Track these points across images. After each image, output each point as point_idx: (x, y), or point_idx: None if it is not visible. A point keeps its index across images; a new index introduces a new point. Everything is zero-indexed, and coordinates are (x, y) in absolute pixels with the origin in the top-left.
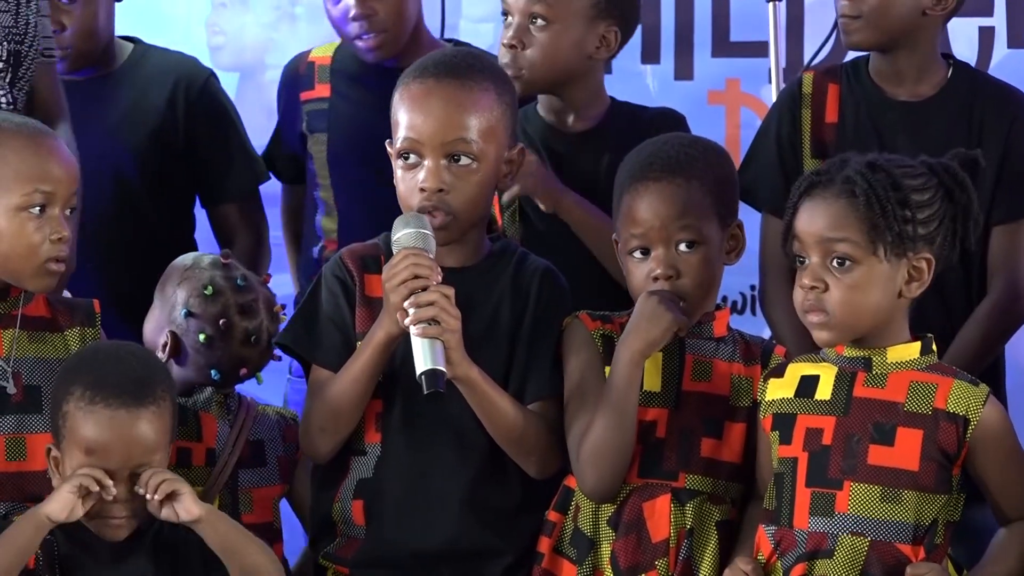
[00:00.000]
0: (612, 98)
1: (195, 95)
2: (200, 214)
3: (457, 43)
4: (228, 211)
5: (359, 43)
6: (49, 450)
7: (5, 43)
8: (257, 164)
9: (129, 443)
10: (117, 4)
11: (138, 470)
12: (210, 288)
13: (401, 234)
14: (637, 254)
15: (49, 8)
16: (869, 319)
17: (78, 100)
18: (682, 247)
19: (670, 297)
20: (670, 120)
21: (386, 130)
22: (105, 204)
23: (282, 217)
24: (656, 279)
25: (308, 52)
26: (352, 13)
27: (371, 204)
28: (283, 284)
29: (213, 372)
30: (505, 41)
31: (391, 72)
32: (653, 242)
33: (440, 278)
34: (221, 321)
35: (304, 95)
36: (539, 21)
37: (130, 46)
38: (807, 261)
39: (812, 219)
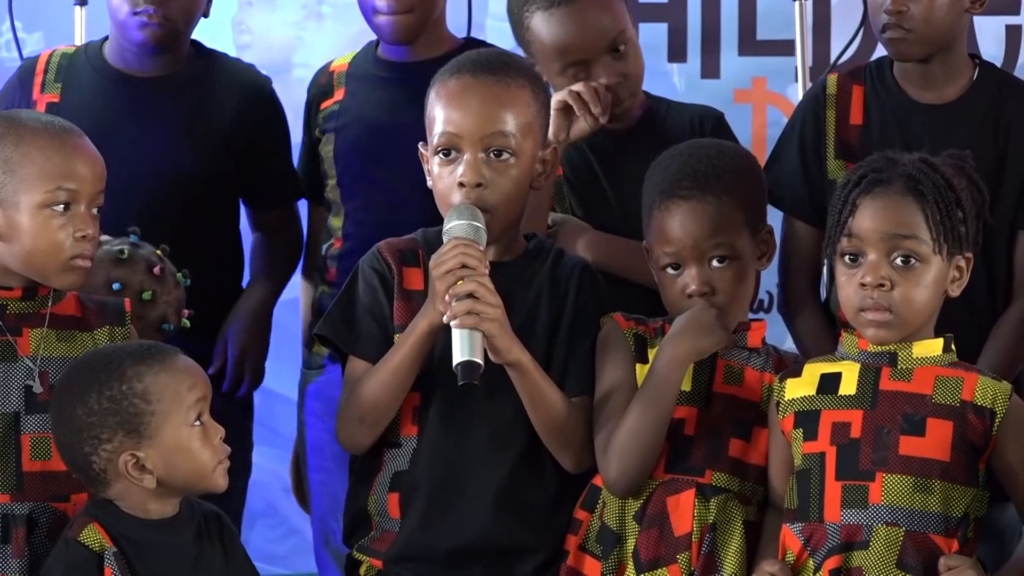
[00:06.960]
0: (646, 93)
1: (262, 105)
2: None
3: (479, 43)
4: (270, 215)
5: (381, 19)
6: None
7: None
8: (298, 177)
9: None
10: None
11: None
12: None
13: (453, 224)
14: (670, 270)
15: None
16: (925, 317)
17: (144, 97)
18: (715, 263)
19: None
20: (710, 120)
21: (395, 123)
22: (162, 204)
23: (307, 244)
24: (691, 296)
25: (328, 64)
26: None
27: (375, 197)
28: None
29: None
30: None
31: (400, 67)
32: (686, 260)
33: (488, 270)
34: None
35: (324, 104)
36: None
37: (191, 48)
38: (862, 259)
39: (878, 216)
